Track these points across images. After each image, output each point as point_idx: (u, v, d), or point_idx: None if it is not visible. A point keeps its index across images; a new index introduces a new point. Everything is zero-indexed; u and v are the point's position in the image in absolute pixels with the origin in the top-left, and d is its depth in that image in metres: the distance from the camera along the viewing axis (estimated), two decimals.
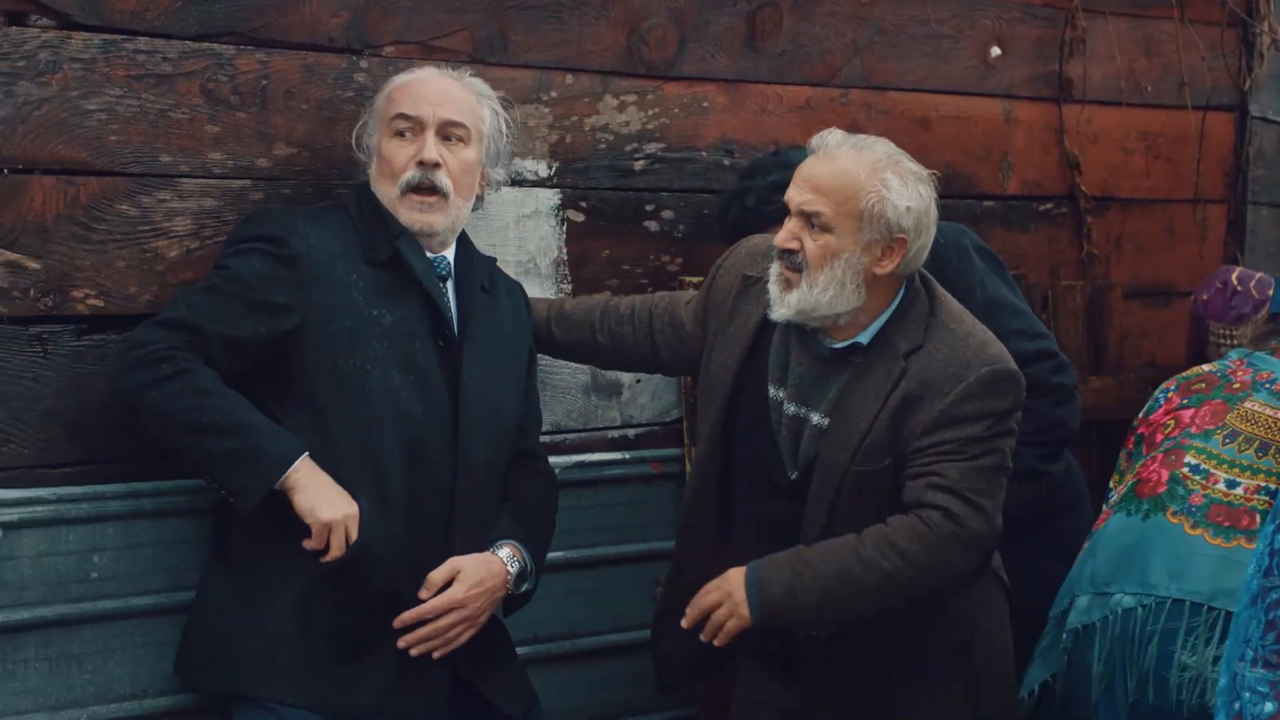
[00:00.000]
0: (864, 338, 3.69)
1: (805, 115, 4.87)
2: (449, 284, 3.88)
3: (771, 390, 3.77)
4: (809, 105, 4.89)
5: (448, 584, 3.71)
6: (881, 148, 3.68)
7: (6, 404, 3.63)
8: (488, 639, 3.86)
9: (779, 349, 3.78)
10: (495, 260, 4.07)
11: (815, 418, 3.70)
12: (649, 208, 4.59)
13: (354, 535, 3.59)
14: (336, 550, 3.58)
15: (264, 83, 3.95)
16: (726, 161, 4.68)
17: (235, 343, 3.61)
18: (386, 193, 3.80)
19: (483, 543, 3.82)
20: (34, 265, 3.65)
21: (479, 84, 3.94)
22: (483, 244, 4.23)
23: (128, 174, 3.77)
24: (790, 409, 3.74)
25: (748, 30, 4.76)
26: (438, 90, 3.85)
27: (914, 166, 3.69)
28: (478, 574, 3.75)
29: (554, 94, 4.41)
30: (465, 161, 3.85)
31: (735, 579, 3.67)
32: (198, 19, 3.85)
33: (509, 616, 3.94)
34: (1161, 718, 3.76)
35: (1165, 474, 3.90)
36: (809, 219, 3.63)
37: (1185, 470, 3.88)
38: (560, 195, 4.44)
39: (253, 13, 3.91)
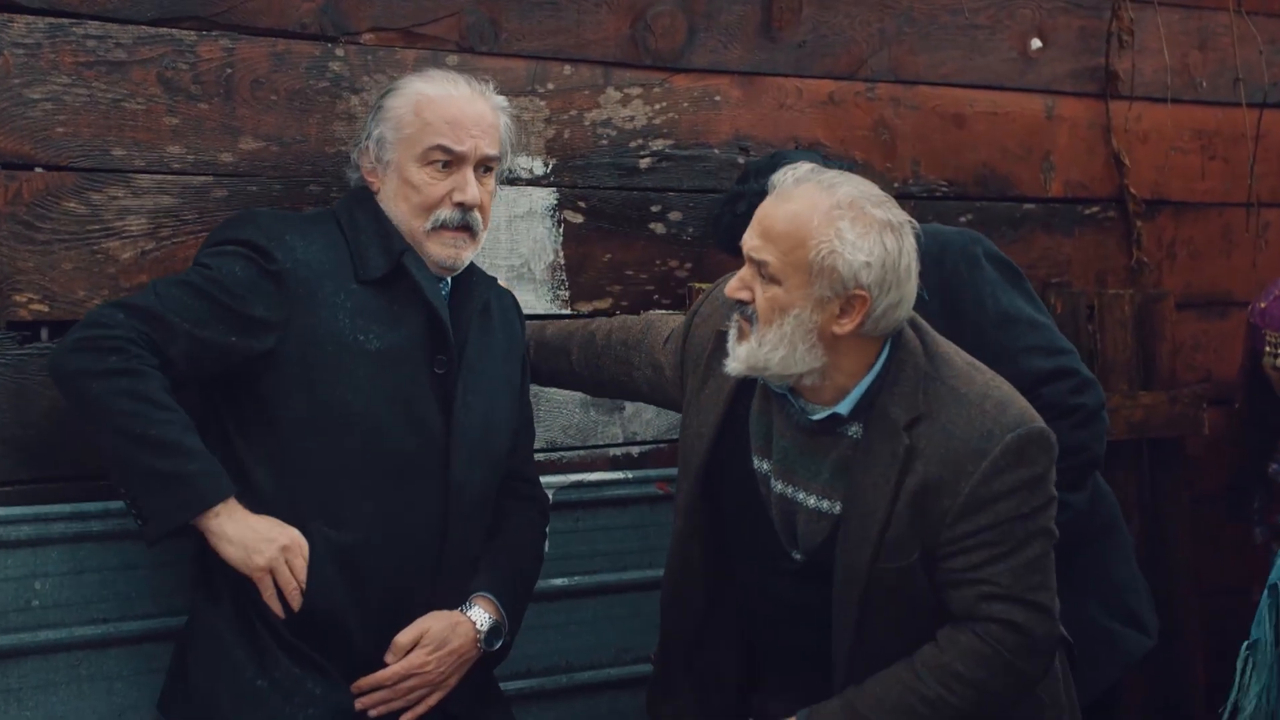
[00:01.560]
0: (843, 408, 3.24)
1: (828, 110, 4.55)
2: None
3: (756, 461, 3.38)
4: (832, 100, 4.57)
5: (415, 645, 3.45)
6: (847, 189, 3.18)
7: None
8: (476, 681, 3.59)
9: (759, 416, 3.38)
10: (496, 280, 3.76)
11: (812, 500, 3.30)
12: (655, 208, 4.28)
13: (301, 569, 3.31)
14: (290, 589, 3.31)
15: (229, 71, 3.66)
16: (741, 159, 4.37)
17: (201, 344, 3.30)
18: (409, 222, 3.48)
19: (469, 579, 3.56)
20: None
21: (499, 99, 3.61)
22: None
23: (76, 168, 3.50)
24: (777, 487, 3.34)
25: (763, 19, 4.44)
26: (476, 118, 3.51)
27: (882, 213, 3.17)
28: (443, 637, 3.46)
29: (550, 86, 4.11)
30: (491, 192, 3.57)
31: None
32: (155, 3, 3.57)
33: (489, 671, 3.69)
34: None
35: None
36: (758, 267, 3.20)
37: None
38: (557, 195, 4.13)
39: None
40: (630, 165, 4.24)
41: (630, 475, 4.20)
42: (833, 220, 3.13)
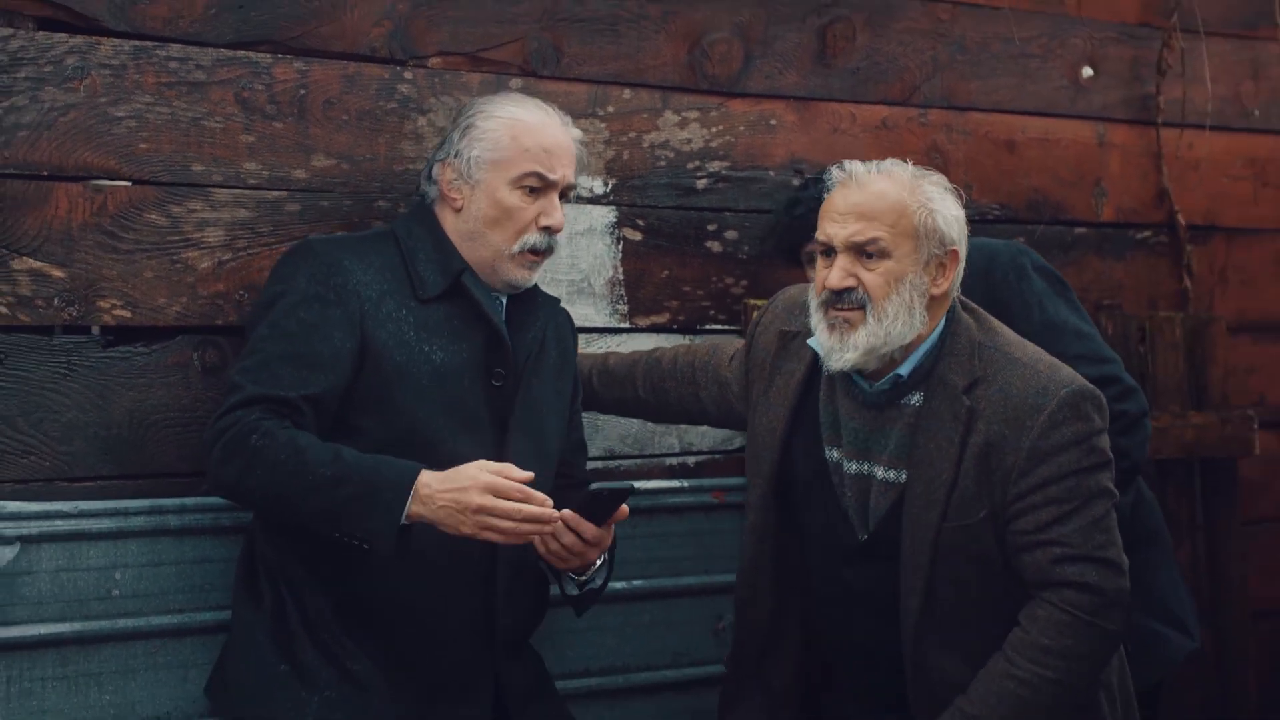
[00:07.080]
0: (904, 369, 3.47)
1: (880, 135, 4.70)
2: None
3: (828, 452, 3.57)
4: (885, 125, 4.71)
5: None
6: (907, 167, 3.50)
7: (28, 415, 3.55)
8: (529, 672, 3.72)
9: (826, 407, 3.58)
10: (558, 301, 3.91)
11: (880, 471, 3.49)
12: (711, 227, 4.43)
13: (501, 508, 3.34)
14: (511, 527, 3.35)
15: (302, 92, 3.86)
16: (796, 181, 4.50)
17: (316, 401, 3.45)
18: (496, 243, 3.64)
19: (528, 590, 3.69)
20: (58, 274, 3.58)
21: (577, 131, 3.78)
22: None
23: (158, 183, 3.69)
24: (852, 468, 3.53)
25: (818, 46, 4.60)
26: (566, 147, 3.70)
27: (941, 178, 3.52)
28: None
29: (610, 109, 4.28)
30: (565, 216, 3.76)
31: None
32: (233, 27, 3.77)
33: (581, 614, 3.83)
34: None
35: None
36: (861, 250, 3.42)
37: None
38: (616, 213, 4.30)
39: (291, 21, 3.84)
40: (687, 185, 4.39)
41: (686, 484, 4.32)
42: (919, 186, 3.45)
